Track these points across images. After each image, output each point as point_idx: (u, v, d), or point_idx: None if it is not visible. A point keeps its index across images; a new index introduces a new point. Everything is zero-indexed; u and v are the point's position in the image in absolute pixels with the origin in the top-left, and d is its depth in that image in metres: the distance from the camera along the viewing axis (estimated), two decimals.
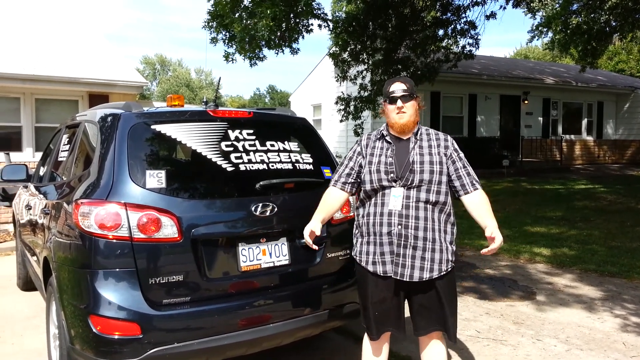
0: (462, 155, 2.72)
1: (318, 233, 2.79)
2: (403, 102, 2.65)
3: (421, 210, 2.59)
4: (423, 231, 2.58)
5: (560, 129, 19.43)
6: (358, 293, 2.83)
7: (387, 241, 2.62)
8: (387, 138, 2.73)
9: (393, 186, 2.61)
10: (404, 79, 2.73)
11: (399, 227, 2.58)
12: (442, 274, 2.62)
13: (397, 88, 2.68)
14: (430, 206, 2.60)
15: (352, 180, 2.79)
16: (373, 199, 2.68)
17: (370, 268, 2.69)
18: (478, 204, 2.67)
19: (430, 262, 2.60)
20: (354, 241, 2.82)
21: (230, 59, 11.54)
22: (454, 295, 2.72)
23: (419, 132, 2.72)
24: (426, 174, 2.58)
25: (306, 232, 2.77)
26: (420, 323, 2.70)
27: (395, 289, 2.66)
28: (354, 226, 2.84)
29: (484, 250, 2.62)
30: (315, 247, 2.82)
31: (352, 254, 2.83)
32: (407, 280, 2.60)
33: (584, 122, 20.19)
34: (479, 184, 2.70)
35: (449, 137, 2.74)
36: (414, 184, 2.58)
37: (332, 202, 2.82)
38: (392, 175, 2.61)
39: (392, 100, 2.67)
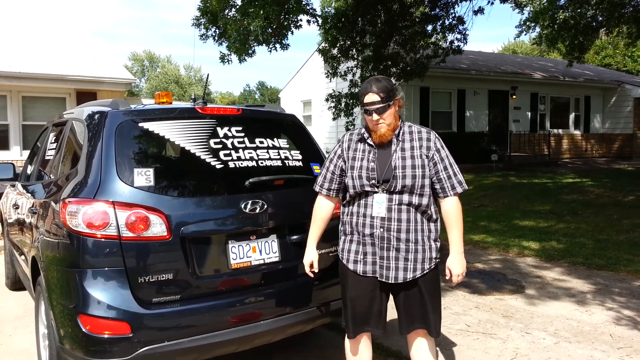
0: (444, 154, 2.62)
1: (316, 262, 2.80)
2: (379, 115, 2.54)
3: (404, 212, 2.57)
4: (405, 233, 2.57)
5: (548, 124, 19.58)
6: (341, 290, 2.83)
7: (370, 242, 2.62)
8: (369, 141, 2.66)
9: (376, 192, 2.59)
10: (378, 85, 2.54)
11: (381, 229, 2.58)
12: (425, 272, 2.62)
13: (372, 100, 2.53)
14: (413, 208, 2.58)
15: (337, 186, 2.77)
16: (357, 200, 2.67)
17: (351, 266, 2.69)
18: (448, 214, 2.64)
19: (413, 262, 2.59)
20: (339, 238, 2.82)
21: (226, 60, 11.48)
22: (437, 292, 2.71)
23: (401, 131, 2.64)
24: (408, 179, 2.54)
25: (305, 263, 2.80)
26: (403, 321, 2.70)
27: (376, 288, 2.66)
28: (340, 223, 2.83)
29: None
30: (312, 275, 2.83)
31: (337, 250, 2.83)
32: (392, 282, 2.60)
33: (572, 116, 20.36)
34: (461, 186, 2.62)
35: (432, 135, 2.64)
36: (396, 190, 2.56)
37: (324, 213, 2.82)
38: (374, 181, 2.58)
39: (367, 112, 2.56)
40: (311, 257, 2.80)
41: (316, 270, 2.82)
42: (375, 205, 2.59)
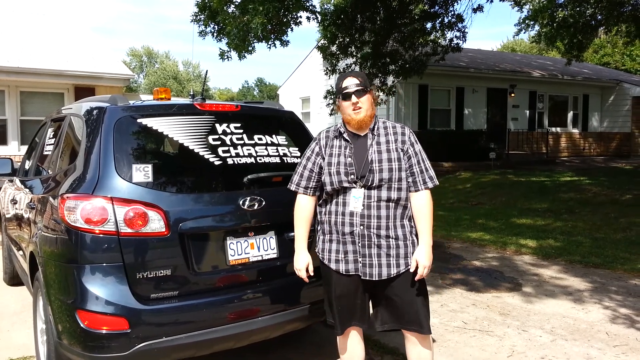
0: (418, 148, 2.65)
1: (311, 265, 2.74)
2: (357, 97, 2.56)
3: (383, 209, 2.56)
4: (385, 229, 2.56)
5: (546, 122, 19.61)
6: (323, 289, 2.82)
7: (350, 240, 2.60)
8: (345, 136, 2.66)
9: (354, 187, 2.57)
10: (356, 73, 2.66)
11: (361, 227, 2.56)
12: (408, 267, 2.59)
13: (350, 83, 2.59)
14: (392, 204, 2.57)
15: (314, 184, 2.73)
16: (334, 198, 2.64)
17: (333, 266, 2.67)
18: (418, 208, 2.61)
19: (395, 258, 2.58)
20: (317, 237, 2.78)
21: (225, 57, 11.46)
22: (423, 287, 2.67)
23: (376, 126, 2.66)
24: (385, 172, 2.54)
25: (301, 267, 2.72)
26: (384, 317, 2.67)
27: (359, 285, 2.64)
28: (316, 222, 2.80)
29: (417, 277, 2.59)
30: (307, 280, 2.77)
31: (315, 250, 2.79)
32: (376, 279, 2.58)
33: (570, 114, 20.39)
34: (432, 181, 2.63)
35: (406, 130, 2.68)
36: (374, 184, 2.54)
37: (306, 212, 2.76)
38: (352, 176, 2.57)
39: (346, 96, 2.58)
40: (305, 260, 2.74)
41: (312, 274, 2.78)
42: (352, 200, 2.57)
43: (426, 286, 2.74)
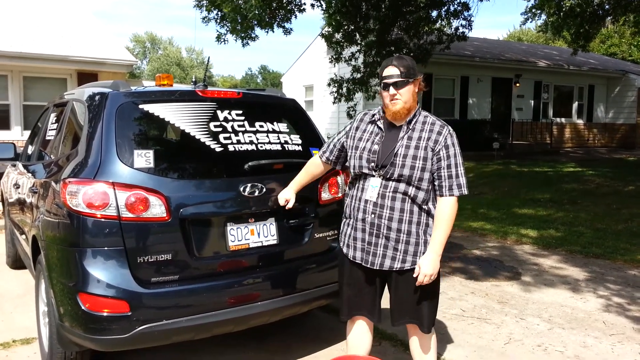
0: (452, 152, 2.49)
1: (291, 200, 2.90)
2: (396, 89, 2.45)
3: (398, 201, 2.50)
4: (397, 222, 2.50)
5: (551, 112, 19.50)
6: (338, 272, 2.84)
7: (361, 227, 2.58)
8: (379, 123, 2.60)
9: (373, 175, 2.54)
10: (400, 60, 2.48)
11: (373, 215, 2.53)
12: (415, 266, 2.51)
13: (391, 73, 2.46)
14: (409, 198, 2.50)
15: (332, 157, 2.81)
16: (356, 183, 2.64)
17: (344, 250, 2.69)
18: (438, 213, 2.50)
19: (402, 253, 2.53)
20: (341, 221, 2.81)
21: (222, 40, 11.43)
22: (434, 290, 2.62)
23: (415, 119, 2.55)
24: (406, 169, 2.46)
25: (280, 197, 2.93)
26: (394, 313, 2.66)
27: (370, 275, 2.63)
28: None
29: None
30: (291, 206, 2.94)
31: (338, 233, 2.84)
32: (377, 268, 2.56)
33: (575, 105, 20.27)
34: (460, 189, 2.49)
35: (444, 130, 2.51)
36: (392, 177, 2.49)
37: (310, 167, 2.94)
38: (373, 164, 2.53)
39: (385, 87, 2.48)
40: (286, 194, 2.92)
41: (290, 205, 2.92)
42: (369, 189, 2.55)
43: (439, 291, 2.70)
